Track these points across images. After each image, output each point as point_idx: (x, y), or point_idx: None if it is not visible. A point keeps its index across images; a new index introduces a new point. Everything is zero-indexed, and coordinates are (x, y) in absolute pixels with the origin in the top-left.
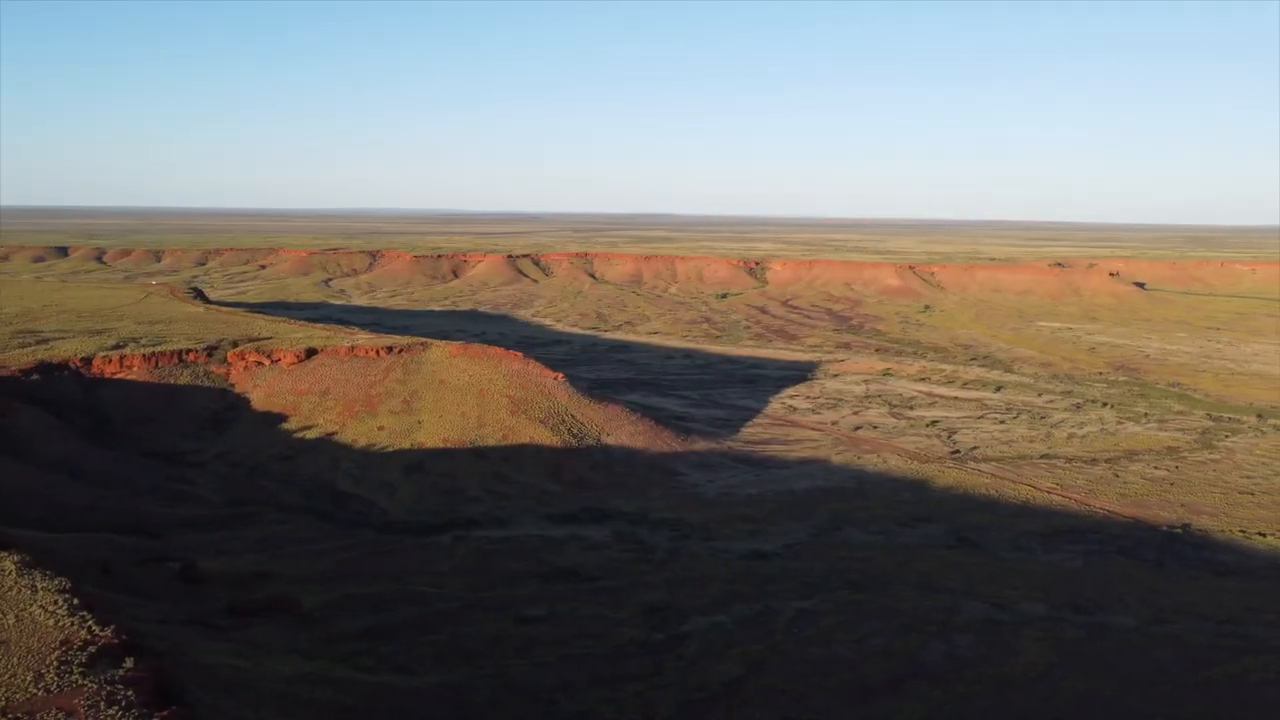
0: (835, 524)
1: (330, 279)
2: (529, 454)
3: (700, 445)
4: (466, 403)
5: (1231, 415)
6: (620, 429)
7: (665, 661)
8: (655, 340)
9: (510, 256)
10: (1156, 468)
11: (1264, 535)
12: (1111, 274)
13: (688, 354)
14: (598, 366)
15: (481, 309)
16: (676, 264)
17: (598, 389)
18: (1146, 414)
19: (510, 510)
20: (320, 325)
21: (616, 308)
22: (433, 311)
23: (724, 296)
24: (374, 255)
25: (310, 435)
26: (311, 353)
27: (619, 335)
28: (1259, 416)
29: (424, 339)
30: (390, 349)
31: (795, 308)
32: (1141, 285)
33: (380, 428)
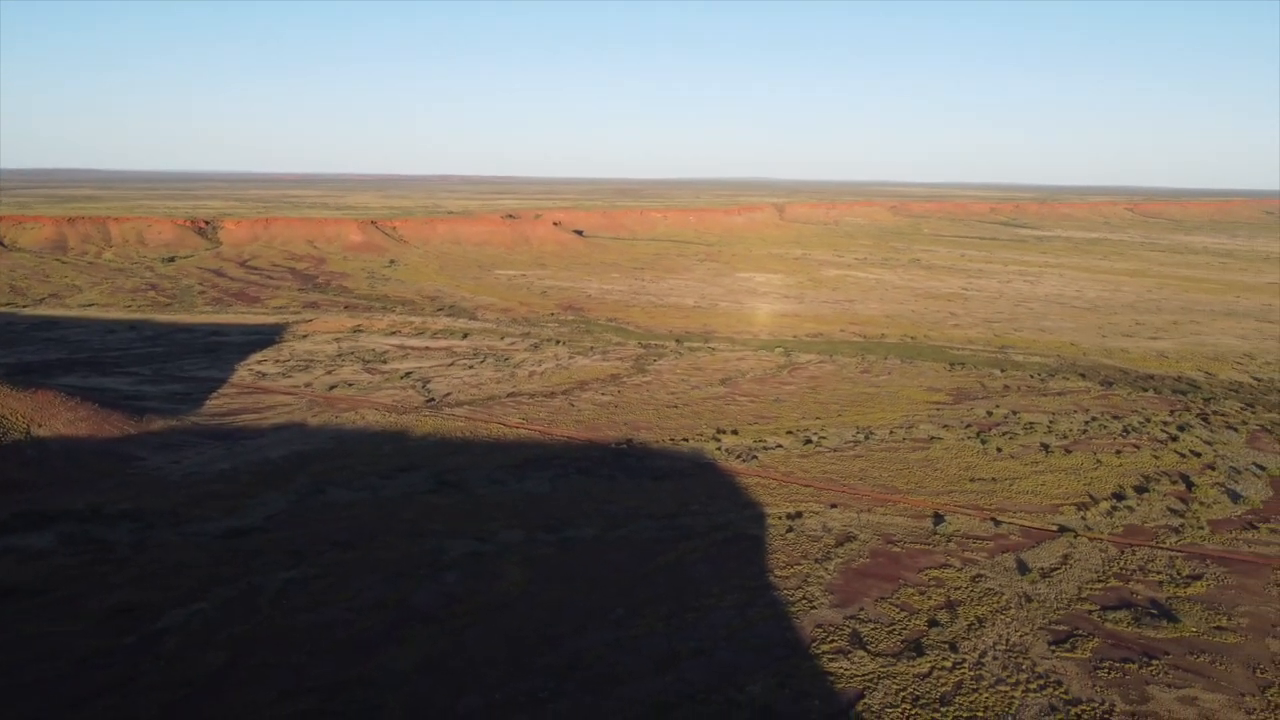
0: (318, 487)
1: None
2: None
3: (159, 425)
4: None
5: (657, 342)
6: (56, 418)
7: (141, 664)
8: (91, 313)
9: None
10: (603, 394)
11: (687, 440)
12: (555, 223)
13: (133, 326)
14: (19, 349)
15: None
16: (110, 226)
17: (21, 375)
18: (592, 347)
19: None
20: None
21: (37, 279)
22: None
23: (171, 260)
24: None
25: None
26: None
27: (44, 311)
28: (677, 341)
29: None
30: None
31: (255, 268)
32: (580, 233)
33: None
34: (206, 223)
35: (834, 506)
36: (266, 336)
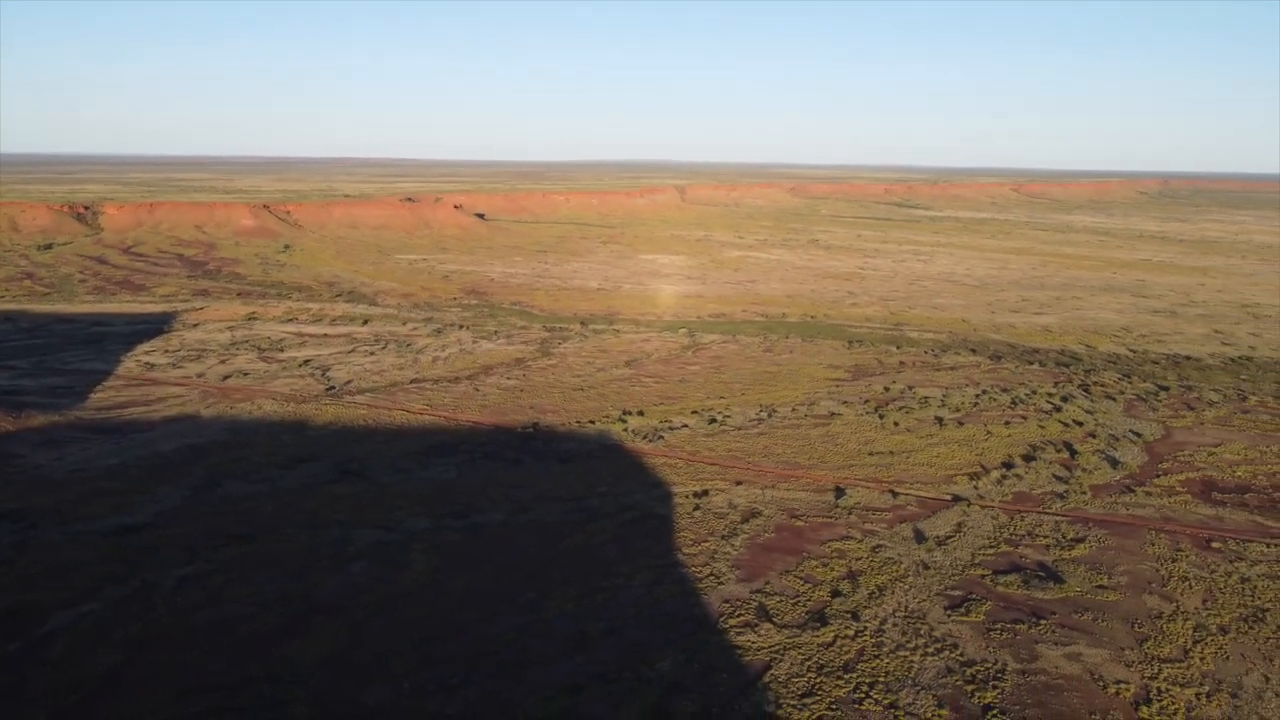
0: (213, 480)
1: None
2: None
3: (39, 420)
4: None
5: (562, 325)
6: None
7: (27, 670)
8: None
9: None
10: (508, 378)
11: (593, 423)
12: (456, 207)
13: (8, 317)
14: None
15: None
16: None
17: None
18: (496, 331)
19: None
20: None
21: None
22: None
23: (48, 247)
24: None
25: None
26: None
27: None
28: (582, 324)
29: None
30: None
31: (140, 255)
32: (482, 216)
33: None
34: (86, 208)
35: (739, 484)
36: (154, 326)
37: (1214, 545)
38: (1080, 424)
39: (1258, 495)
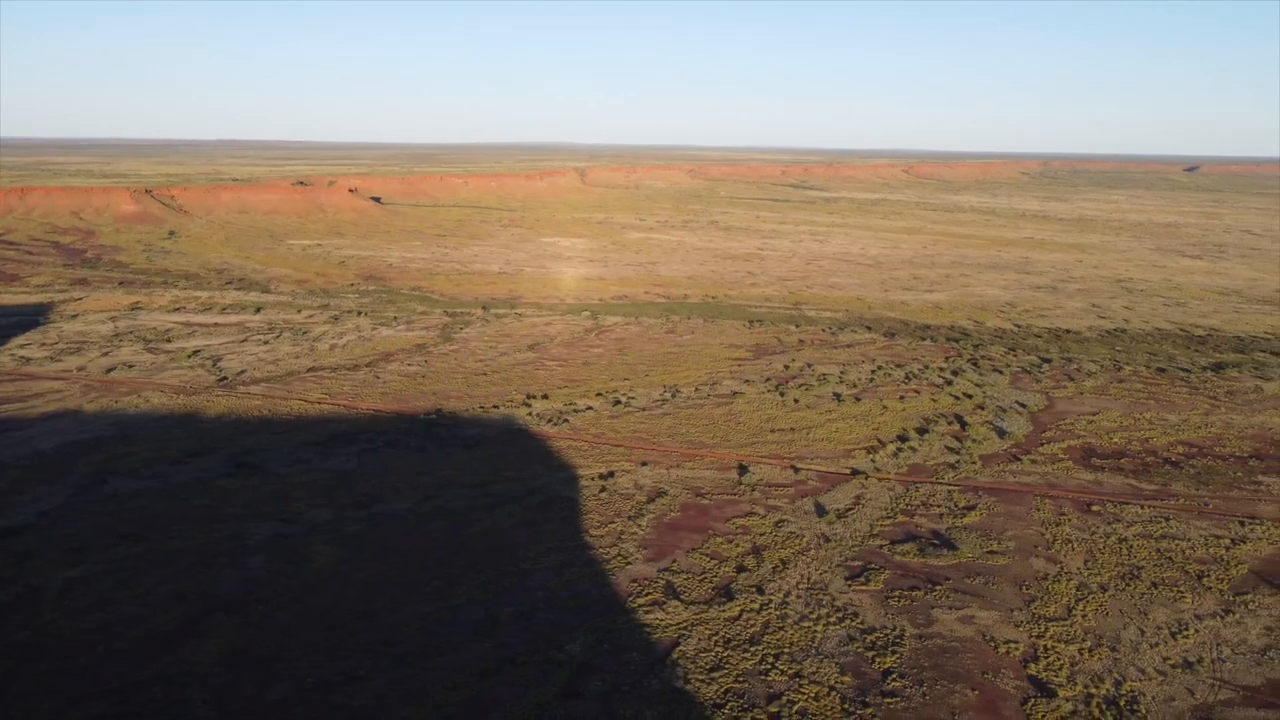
0: (99, 478)
1: None
2: None
3: None
4: None
5: (463, 310)
6: None
7: None
8: None
9: None
10: (409, 364)
11: (498, 407)
12: (351, 190)
13: None
14: None
15: None
16: None
17: None
18: (396, 317)
19: None
20: None
21: None
22: None
23: None
24: None
25: None
26: None
27: None
28: (484, 309)
29: None
30: None
31: (11, 244)
32: (378, 200)
33: None
34: None
35: (645, 464)
36: (29, 318)
37: (1094, 509)
38: (970, 397)
39: (1132, 460)
